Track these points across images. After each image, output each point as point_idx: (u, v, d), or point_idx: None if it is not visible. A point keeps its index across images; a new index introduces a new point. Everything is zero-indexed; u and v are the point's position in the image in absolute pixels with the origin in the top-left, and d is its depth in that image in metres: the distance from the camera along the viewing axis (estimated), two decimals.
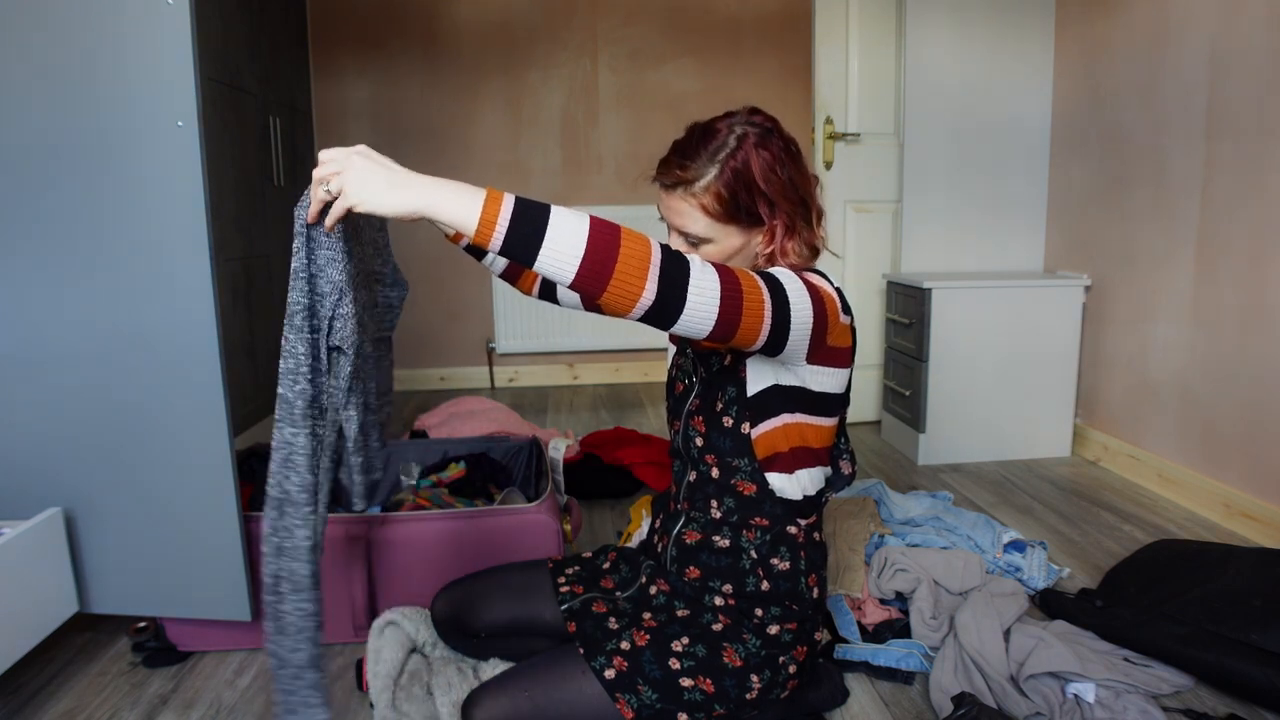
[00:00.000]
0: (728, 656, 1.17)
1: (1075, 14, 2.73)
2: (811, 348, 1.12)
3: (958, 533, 1.94)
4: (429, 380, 3.88)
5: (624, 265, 0.90)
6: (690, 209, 1.14)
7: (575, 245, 0.89)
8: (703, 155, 1.13)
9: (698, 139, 1.15)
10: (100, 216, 1.37)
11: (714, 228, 1.15)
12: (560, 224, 0.89)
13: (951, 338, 2.63)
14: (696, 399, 1.26)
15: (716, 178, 1.13)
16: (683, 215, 1.15)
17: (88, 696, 1.45)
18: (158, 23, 1.30)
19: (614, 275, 0.90)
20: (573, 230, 0.89)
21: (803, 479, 1.23)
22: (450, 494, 1.96)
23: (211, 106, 2.51)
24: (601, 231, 0.90)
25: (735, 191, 1.13)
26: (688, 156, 1.14)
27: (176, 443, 1.44)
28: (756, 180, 1.14)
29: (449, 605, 1.41)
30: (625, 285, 0.90)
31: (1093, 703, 1.32)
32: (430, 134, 3.72)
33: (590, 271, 0.89)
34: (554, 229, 0.89)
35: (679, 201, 1.15)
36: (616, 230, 0.92)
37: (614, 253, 0.90)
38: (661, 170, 1.17)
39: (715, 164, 1.13)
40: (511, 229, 0.89)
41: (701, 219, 1.15)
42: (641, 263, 0.91)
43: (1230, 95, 2.12)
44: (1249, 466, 2.11)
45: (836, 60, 2.92)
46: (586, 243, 0.89)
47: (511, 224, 0.89)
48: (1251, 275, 2.07)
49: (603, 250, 0.89)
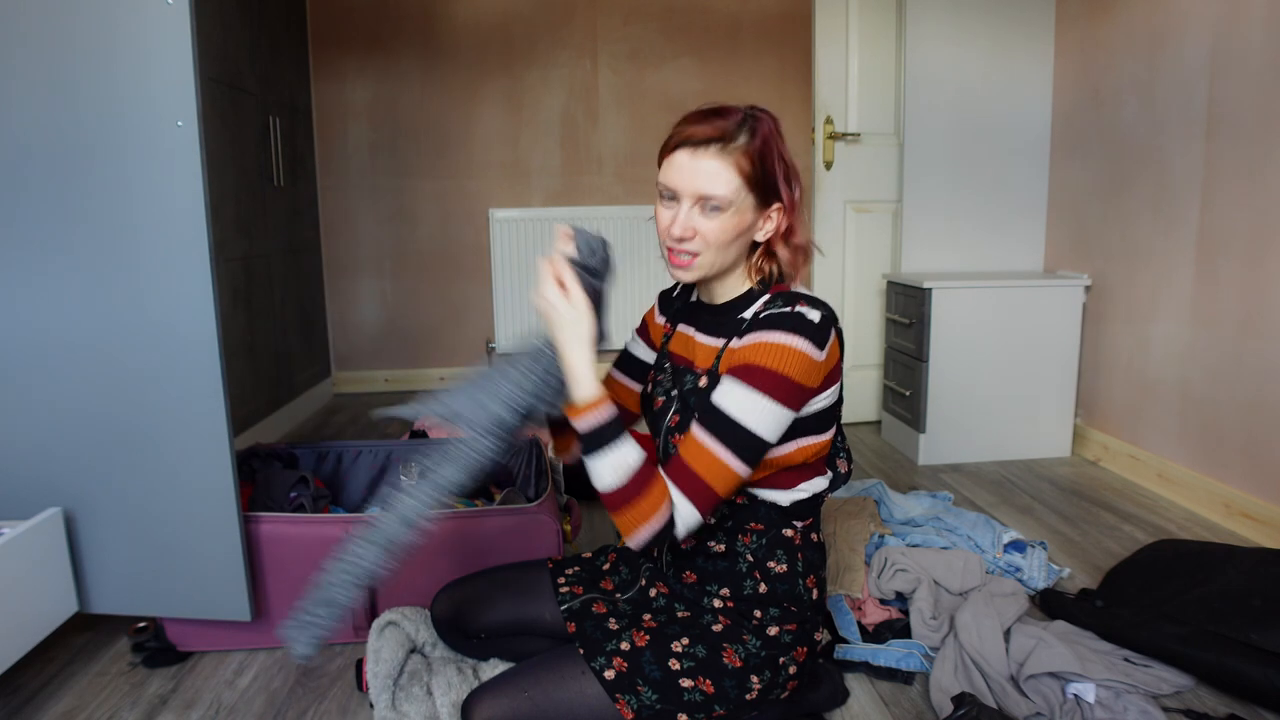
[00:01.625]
0: (727, 657, 1.17)
1: (1075, 14, 2.73)
2: (801, 408, 1.14)
3: (958, 533, 1.94)
4: (429, 380, 3.88)
5: (634, 512, 1.08)
6: (723, 167, 1.11)
7: (613, 480, 1.08)
8: (731, 119, 1.13)
9: (717, 110, 1.14)
10: (100, 216, 1.37)
11: (740, 192, 1.12)
12: (609, 463, 1.08)
13: (951, 338, 2.63)
14: (675, 415, 1.24)
15: (750, 140, 1.12)
16: (712, 176, 1.11)
17: (87, 696, 1.45)
18: (158, 23, 1.30)
19: (625, 512, 1.09)
20: (614, 469, 1.08)
21: (800, 489, 1.23)
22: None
23: (211, 106, 2.51)
24: (637, 484, 1.08)
25: (764, 157, 1.13)
26: (719, 117, 1.13)
27: (177, 443, 1.44)
28: (780, 152, 1.14)
29: (449, 605, 1.41)
30: (632, 523, 1.09)
31: (1093, 703, 1.31)
32: (430, 134, 3.72)
33: (612, 499, 1.09)
34: (607, 459, 1.09)
35: (710, 160, 1.11)
36: (644, 489, 1.08)
37: (634, 501, 1.08)
38: (692, 124, 1.13)
39: (746, 128, 1.13)
40: (590, 434, 1.09)
41: (734, 179, 1.11)
42: (646, 518, 1.08)
43: (1230, 95, 2.12)
44: (1249, 466, 2.11)
45: (836, 60, 2.93)
46: (621, 485, 1.08)
47: (594, 432, 1.09)
48: (1251, 275, 2.07)
49: (629, 494, 1.08)
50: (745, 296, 1.22)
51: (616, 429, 1.09)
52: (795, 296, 1.15)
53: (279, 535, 1.54)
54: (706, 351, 1.24)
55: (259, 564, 1.54)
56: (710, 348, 1.23)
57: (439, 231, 3.79)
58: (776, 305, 1.14)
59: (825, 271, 3.04)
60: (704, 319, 1.27)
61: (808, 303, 1.14)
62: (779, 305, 1.14)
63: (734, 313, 1.22)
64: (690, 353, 1.28)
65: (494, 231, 3.74)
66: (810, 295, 1.17)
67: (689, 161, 1.12)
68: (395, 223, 3.77)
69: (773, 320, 1.12)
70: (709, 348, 1.24)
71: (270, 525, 1.54)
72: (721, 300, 1.24)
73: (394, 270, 3.80)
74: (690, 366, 1.26)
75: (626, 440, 1.09)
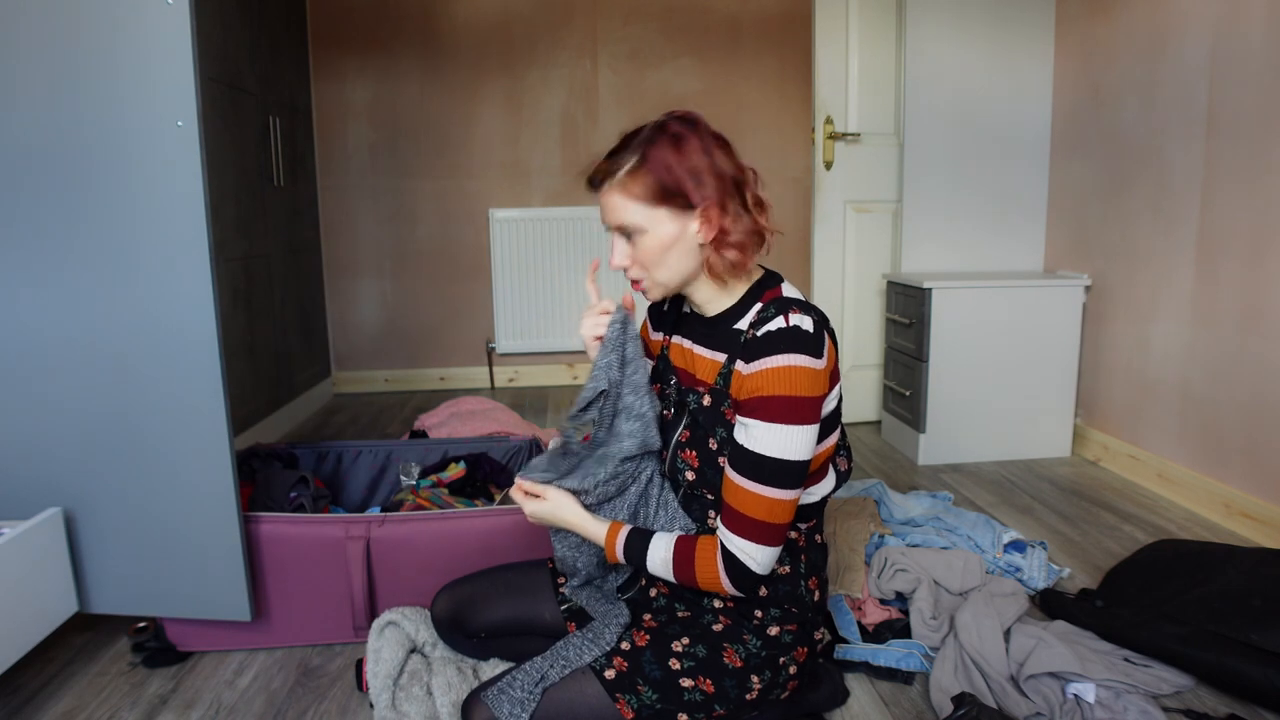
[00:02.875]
0: (728, 657, 1.17)
1: (1075, 14, 2.73)
2: (821, 417, 1.17)
3: (958, 533, 1.94)
4: (429, 380, 3.88)
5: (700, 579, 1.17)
6: (619, 198, 1.15)
7: (665, 571, 1.19)
8: (625, 149, 1.16)
9: (621, 141, 1.19)
10: (100, 217, 1.37)
11: (644, 212, 1.14)
12: (653, 563, 1.20)
13: (951, 338, 2.63)
14: (686, 430, 1.24)
15: (638, 162, 1.14)
16: (614, 209, 1.16)
17: (87, 696, 1.45)
18: (158, 23, 1.30)
19: (694, 583, 1.18)
20: (660, 565, 1.19)
21: (808, 493, 1.23)
22: (450, 494, 1.96)
23: (211, 106, 2.51)
24: (682, 562, 1.18)
25: (657, 172, 1.13)
26: (612, 155, 1.18)
27: (176, 442, 1.44)
28: (678, 158, 1.13)
29: (449, 605, 1.41)
30: (707, 586, 1.17)
31: (1093, 703, 1.32)
32: (430, 134, 3.72)
33: (679, 580, 1.19)
34: (651, 562, 1.20)
35: (608, 196, 1.16)
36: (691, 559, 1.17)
37: (691, 573, 1.17)
38: (596, 164, 1.19)
39: (635, 151, 1.15)
40: (628, 557, 1.22)
41: (630, 205, 1.14)
42: (713, 577, 1.16)
43: (1230, 95, 2.12)
44: (1249, 466, 2.11)
45: (836, 60, 2.93)
46: (673, 569, 1.19)
47: (627, 554, 1.21)
48: (1251, 275, 2.07)
49: (683, 572, 1.18)
50: (737, 307, 1.21)
51: (640, 540, 1.20)
52: (786, 304, 1.15)
53: (279, 535, 1.54)
54: (706, 365, 1.23)
55: (259, 564, 1.54)
56: (710, 361, 1.23)
57: (439, 231, 3.79)
58: (769, 315, 1.13)
59: (825, 271, 3.04)
60: (699, 331, 1.26)
61: (799, 309, 1.13)
62: (771, 315, 1.13)
63: (728, 324, 1.21)
64: (689, 364, 1.27)
65: (494, 231, 3.74)
66: (801, 300, 1.17)
67: (601, 199, 1.19)
68: (395, 223, 3.77)
69: (772, 341, 1.11)
70: (709, 361, 1.23)
71: (270, 525, 1.54)
72: (713, 313, 1.23)
73: (394, 270, 3.80)
74: (693, 384, 1.25)
75: (654, 540, 1.20)
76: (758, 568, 1.14)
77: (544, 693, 1.12)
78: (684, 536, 1.19)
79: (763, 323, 1.13)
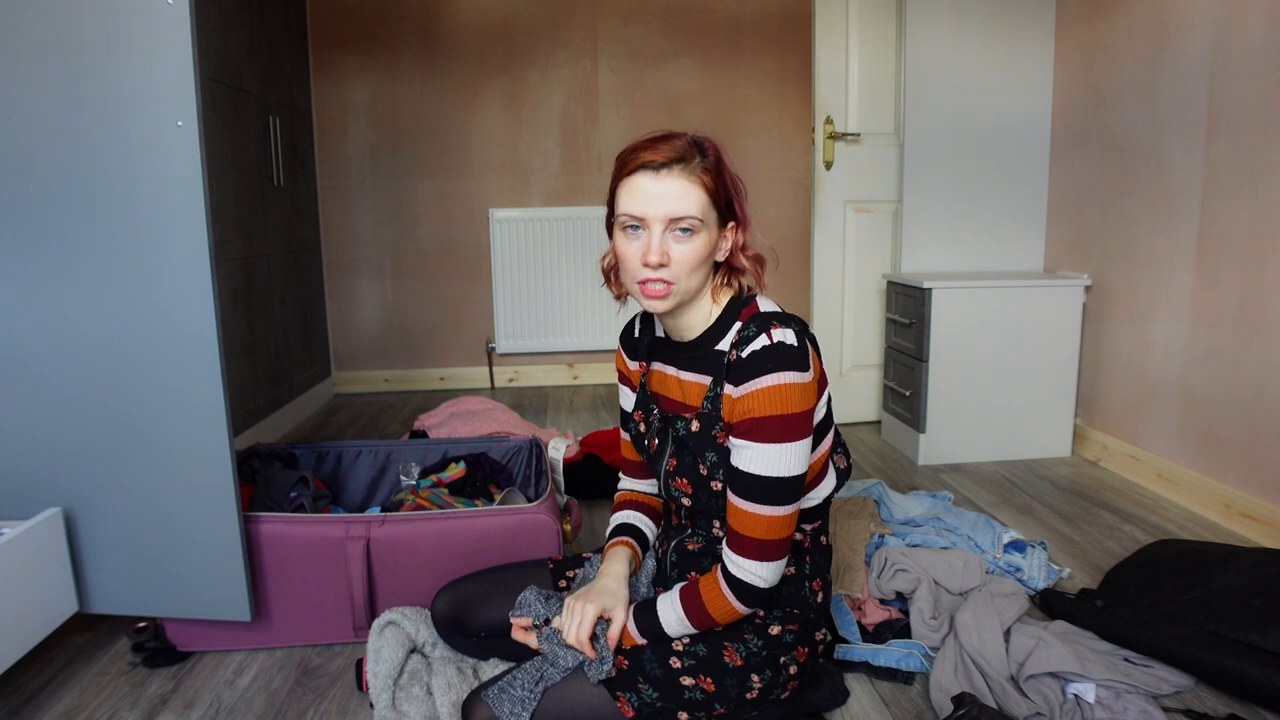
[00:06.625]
0: (728, 656, 1.17)
1: (1075, 14, 2.73)
2: (814, 426, 1.17)
3: (958, 533, 1.94)
4: (429, 380, 3.88)
5: (716, 616, 1.18)
6: (691, 186, 1.10)
7: (682, 628, 1.19)
8: (682, 140, 1.12)
9: (664, 135, 1.14)
10: (100, 217, 1.37)
11: (708, 210, 1.12)
12: (670, 627, 1.19)
13: (951, 338, 2.63)
14: (673, 458, 1.24)
15: (705, 158, 1.12)
16: (681, 197, 1.10)
17: (87, 696, 1.45)
18: (157, 23, 1.30)
19: (716, 623, 1.18)
20: (677, 625, 1.19)
21: (809, 497, 1.23)
22: (450, 494, 1.96)
23: (211, 106, 2.51)
24: (694, 612, 1.17)
25: (720, 176, 1.13)
26: (671, 139, 1.12)
27: (176, 443, 1.44)
28: (731, 171, 1.15)
29: (449, 605, 1.41)
30: (725, 620, 1.18)
31: (1093, 703, 1.31)
32: (430, 134, 3.72)
33: (700, 629, 1.19)
34: (669, 630, 1.19)
35: (676, 181, 1.10)
36: (701, 603, 1.17)
37: (705, 615, 1.17)
38: (646, 149, 1.11)
39: (699, 148, 1.13)
40: (648, 637, 1.19)
41: (702, 196, 1.11)
42: (726, 610, 1.17)
43: (1230, 95, 2.12)
44: (1249, 466, 2.11)
45: (836, 60, 2.93)
46: (689, 623, 1.18)
47: (646, 634, 1.19)
48: (1251, 275, 2.07)
49: (699, 619, 1.18)
50: (715, 327, 1.19)
51: (647, 614, 1.20)
52: (766, 319, 1.13)
53: (279, 535, 1.54)
54: (691, 389, 1.22)
55: (259, 564, 1.54)
56: (696, 384, 1.22)
57: (439, 231, 3.79)
58: (751, 334, 1.12)
59: (825, 271, 3.04)
60: (680, 356, 1.24)
61: (780, 323, 1.12)
62: (754, 333, 1.12)
63: (708, 346, 1.20)
64: (672, 391, 1.26)
65: (494, 231, 3.74)
66: (779, 312, 1.16)
67: (654, 185, 1.10)
68: (395, 223, 3.77)
69: (759, 360, 1.10)
70: (694, 384, 1.22)
71: (270, 525, 1.54)
72: (692, 336, 1.21)
73: (394, 270, 3.80)
74: (678, 410, 1.24)
75: (660, 606, 1.19)
76: (765, 584, 1.15)
77: (544, 692, 1.12)
78: (684, 586, 1.19)
79: (745, 342, 1.12)
